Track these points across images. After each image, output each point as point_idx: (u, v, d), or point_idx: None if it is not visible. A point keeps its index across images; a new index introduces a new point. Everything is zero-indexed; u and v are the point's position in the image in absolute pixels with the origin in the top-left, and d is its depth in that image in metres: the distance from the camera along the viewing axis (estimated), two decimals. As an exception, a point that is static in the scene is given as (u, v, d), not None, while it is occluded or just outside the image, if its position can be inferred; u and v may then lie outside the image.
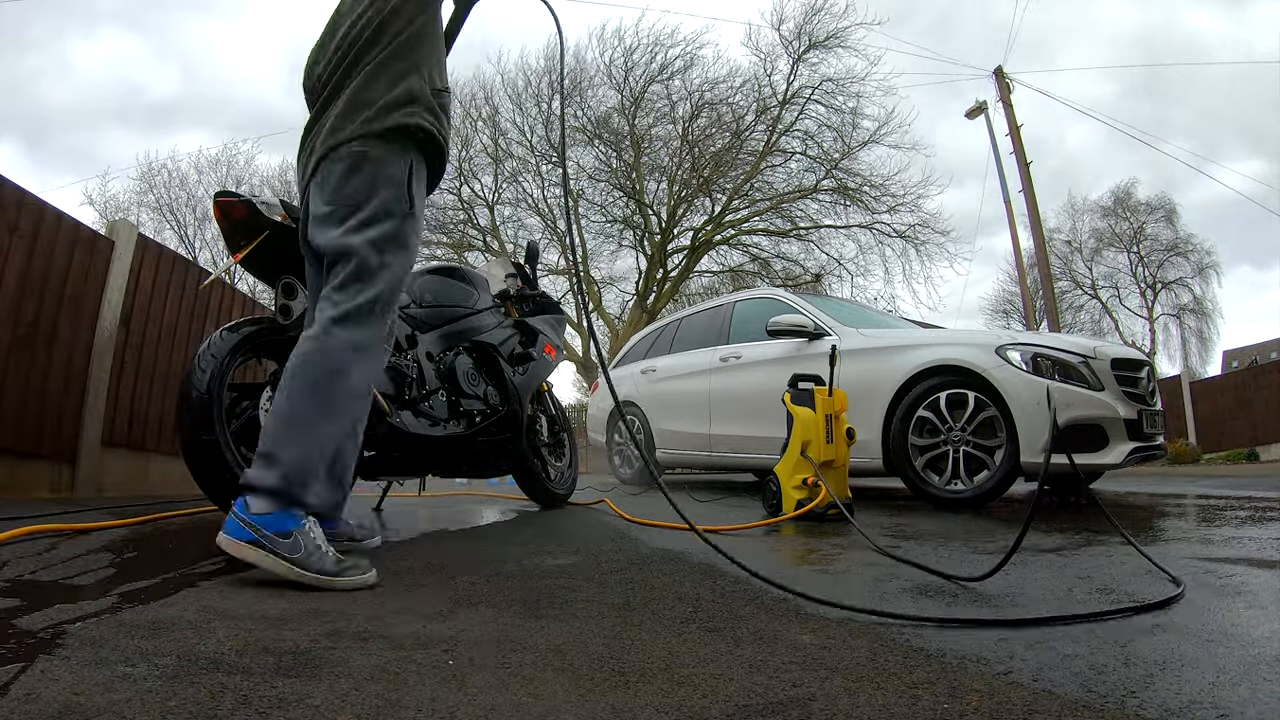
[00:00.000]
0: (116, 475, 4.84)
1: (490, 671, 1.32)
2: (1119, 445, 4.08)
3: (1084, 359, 4.21)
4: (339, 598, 1.84)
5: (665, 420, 6.77)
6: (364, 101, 2.14)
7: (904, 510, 4.13)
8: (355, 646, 1.44)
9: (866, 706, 1.17)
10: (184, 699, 1.12)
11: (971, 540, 2.87)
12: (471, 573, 2.26)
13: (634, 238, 22.05)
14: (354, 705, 1.13)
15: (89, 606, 1.66)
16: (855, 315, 5.86)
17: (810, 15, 19.53)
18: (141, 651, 1.34)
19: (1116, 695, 1.21)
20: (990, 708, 1.16)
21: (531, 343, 4.06)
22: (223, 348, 2.69)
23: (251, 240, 2.76)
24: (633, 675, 1.32)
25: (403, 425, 3.14)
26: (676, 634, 1.59)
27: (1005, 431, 4.11)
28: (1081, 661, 1.38)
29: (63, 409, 4.40)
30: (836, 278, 21.12)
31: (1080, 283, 33.02)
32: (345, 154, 2.12)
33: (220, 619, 1.59)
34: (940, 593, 2.00)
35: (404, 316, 3.42)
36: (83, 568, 2.11)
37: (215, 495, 2.64)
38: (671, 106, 21.13)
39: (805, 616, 1.75)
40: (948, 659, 1.41)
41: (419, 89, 2.19)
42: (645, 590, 2.04)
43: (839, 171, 20.33)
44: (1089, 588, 2.03)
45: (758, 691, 1.24)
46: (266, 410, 2.76)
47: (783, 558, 2.74)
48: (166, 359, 5.24)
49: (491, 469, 3.83)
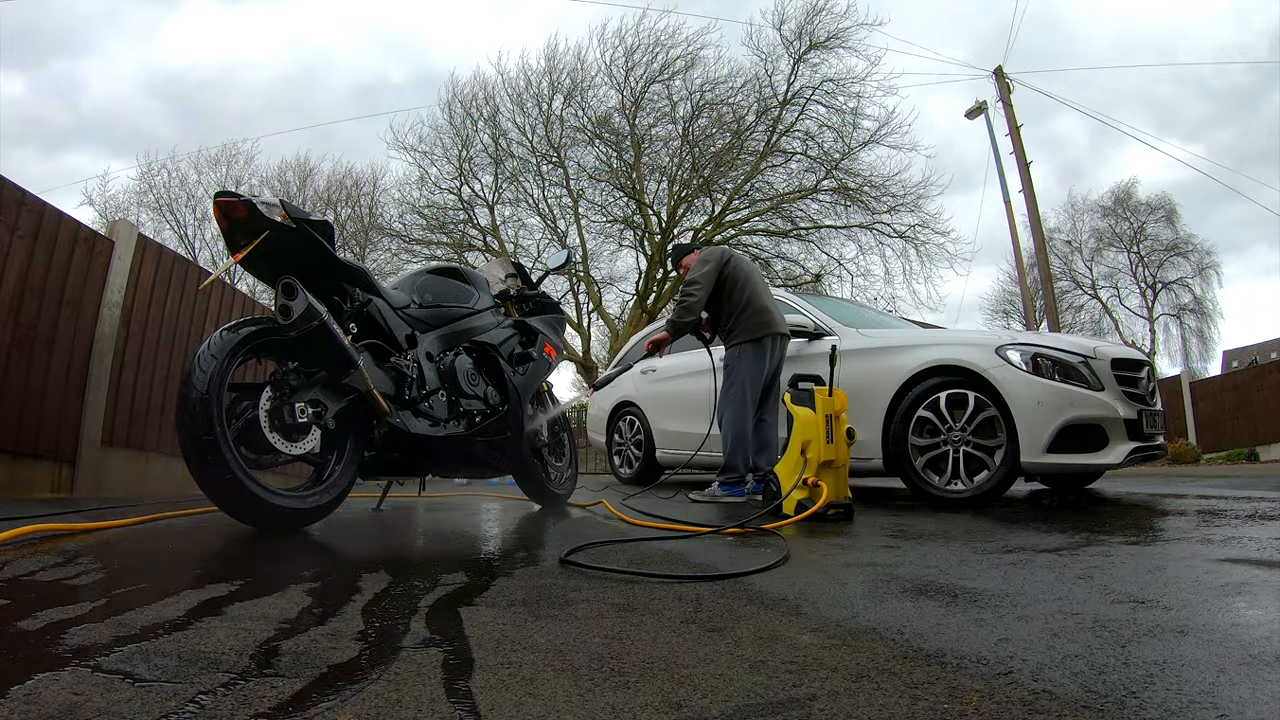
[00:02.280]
0: (116, 475, 4.84)
1: (490, 671, 1.32)
2: (1119, 445, 4.08)
3: (1084, 359, 4.21)
4: (338, 599, 1.84)
5: (665, 420, 6.76)
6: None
7: (904, 510, 4.13)
8: (355, 647, 1.44)
9: (866, 706, 1.17)
10: (184, 699, 1.12)
11: (972, 540, 2.87)
12: (471, 572, 2.26)
13: (634, 238, 22.03)
14: (354, 705, 1.13)
15: (89, 607, 1.66)
16: (855, 315, 5.85)
17: (811, 15, 19.49)
18: (142, 652, 1.34)
19: (1116, 695, 1.21)
20: (990, 708, 1.16)
21: (531, 343, 4.05)
22: (223, 348, 2.69)
23: (251, 240, 2.77)
24: (633, 675, 1.32)
25: (403, 425, 3.14)
26: (676, 634, 1.59)
27: (1005, 431, 4.11)
28: (1081, 661, 1.38)
29: (63, 409, 4.41)
30: (837, 278, 21.11)
31: (1080, 283, 33.02)
32: None
33: (220, 619, 1.59)
34: (940, 592, 2.00)
35: (404, 316, 3.42)
36: (83, 568, 2.11)
37: (215, 496, 2.64)
38: (672, 106, 21.10)
39: (805, 616, 1.76)
40: (948, 659, 1.41)
41: None
42: (645, 590, 2.04)
43: (839, 172, 20.29)
44: (1089, 588, 2.03)
45: (758, 691, 1.24)
46: (266, 410, 2.76)
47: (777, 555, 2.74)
48: (166, 359, 5.24)
49: (492, 469, 3.83)
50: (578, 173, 21.41)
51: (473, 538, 3.24)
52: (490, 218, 22.02)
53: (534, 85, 21.32)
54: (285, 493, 2.84)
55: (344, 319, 3.11)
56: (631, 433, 7.21)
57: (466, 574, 2.24)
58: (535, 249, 21.76)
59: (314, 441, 2.87)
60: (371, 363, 3.11)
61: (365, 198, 25.27)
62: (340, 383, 2.91)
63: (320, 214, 12.14)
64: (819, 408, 3.79)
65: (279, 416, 2.78)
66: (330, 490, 2.94)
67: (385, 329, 3.29)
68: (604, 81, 21.21)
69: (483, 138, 21.68)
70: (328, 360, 2.89)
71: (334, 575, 2.27)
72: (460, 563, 2.47)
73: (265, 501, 2.67)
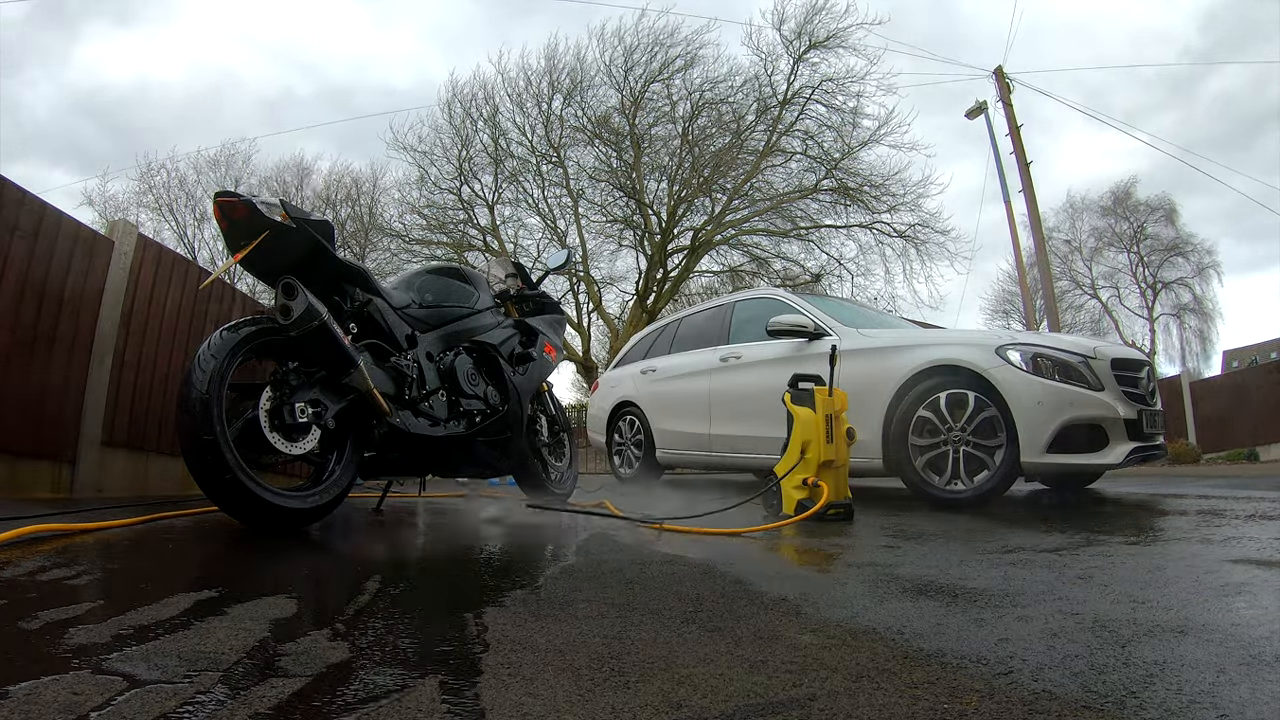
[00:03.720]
0: (116, 475, 4.84)
1: (490, 671, 1.32)
2: (1119, 445, 4.07)
3: (1084, 359, 4.21)
4: (338, 599, 1.84)
5: (665, 420, 6.76)
6: None
7: (904, 510, 4.13)
8: (354, 647, 1.44)
9: (866, 706, 1.17)
10: (183, 699, 1.12)
11: (972, 540, 2.87)
12: (471, 573, 2.26)
13: (634, 238, 22.01)
14: (355, 705, 1.13)
15: (89, 607, 1.66)
16: (855, 315, 5.85)
17: (811, 15, 19.48)
18: (142, 652, 1.34)
19: (1116, 695, 1.21)
20: (990, 708, 1.16)
21: (531, 343, 4.05)
22: (223, 348, 2.69)
23: (251, 240, 2.77)
24: (633, 675, 1.32)
25: (403, 425, 3.14)
26: (676, 634, 1.60)
27: (1005, 432, 4.10)
28: (1081, 661, 1.38)
29: (63, 409, 4.40)
30: (836, 277, 21.10)
31: (1080, 282, 33.02)
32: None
33: (220, 619, 1.59)
34: (940, 593, 2.00)
35: (404, 316, 3.42)
36: (83, 568, 2.11)
37: (215, 496, 2.64)
38: (672, 106, 21.08)
39: (805, 616, 1.76)
40: (948, 659, 1.41)
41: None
42: (645, 590, 2.04)
43: (839, 171, 20.28)
44: (1089, 588, 2.03)
45: (757, 691, 1.24)
46: (266, 410, 2.76)
47: (782, 558, 2.74)
48: (166, 359, 5.23)
49: (492, 469, 3.83)
50: (577, 172, 21.41)
51: (472, 538, 3.23)
52: (490, 218, 22.02)
53: (534, 85, 21.33)
54: (285, 493, 2.83)
55: (344, 319, 3.11)
56: (631, 433, 7.22)
57: (466, 574, 2.24)
58: (535, 249, 21.77)
59: (314, 441, 2.87)
60: (371, 363, 3.11)
61: (365, 197, 25.27)
62: (340, 383, 2.91)
63: (320, 214, 12.13)
64: (819, 408, 3.79)
65: (279, 416, 2.78)
66: (330, 490, 2.93)
67: (385, 329, 3.29)
68: (603, 81, 21.20)
69: (482, 138, 21.67)
70: (328, 360, 2.89)
71: (333, 575, 2.27)
72: (459, 563, 2.47)
73: (265, 501, 2.67)
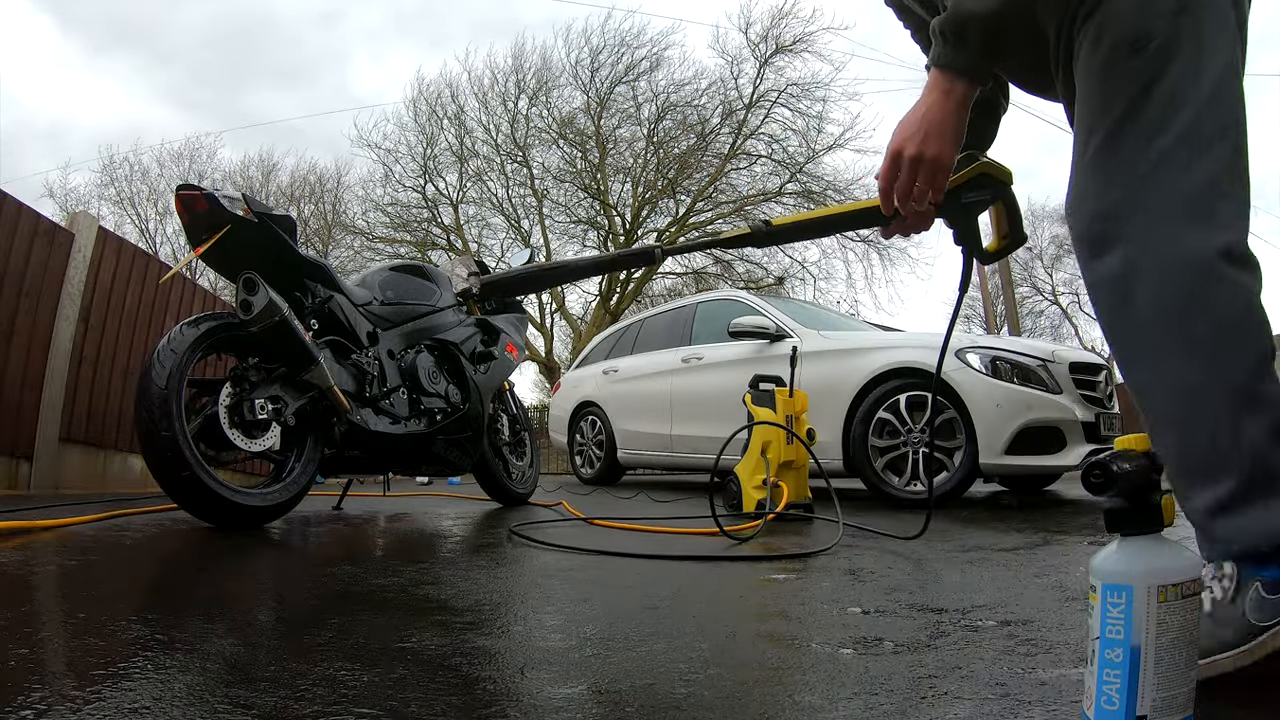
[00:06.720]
0: (74, 472, 4.75)
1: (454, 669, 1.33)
2: (1076, 447, 4.16)
3: (1043, 362, 4.31)
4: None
5: (626, 421, 6.79)
6: None
7: (863, 511, 4.18)
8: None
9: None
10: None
11: (930, 540, 2.92)
12: (428, 568, 2.27)
13: (598, 239, 22.02)
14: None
15: (45, 604, 1.64)
16: (816, 317, 5.93)
17: (777, 19, 19.72)
18: (112, 651, 1.33)
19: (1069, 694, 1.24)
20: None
21: (493, 341, 4.06)
22: (182, 343, 2.67)
23: (213, 234, 2.75)
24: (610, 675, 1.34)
25: (363, 423, 3.14)
26: (643, 632, 1.62)
27: (964, 433, 4.18)
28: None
29: (20, 404, 4.31)
30: (800, 280, 21.35)
31: (1040, 289, 33.60)
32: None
33: (181, 616, 1.58)
34: (897, 589, 2.05)
35: (366, 313, 3.41)
36: (42, 565, 2.08)
37: (174, 492, 2.62)
38: (637, 108, 21.19)
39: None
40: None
41: None
42: (603, 589, 2.06)
43: (803, 175, 20.54)
44: (1044, 584, 2.09)
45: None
46: (226, 406, 2.74)
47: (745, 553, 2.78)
48: (126, 354, 5.15)
49: (452, 467, 3.82)
50: (542, 173, 21.43)
51: (431, 535, 3.23)
52: (454, 216, 21.92)
53: (500, 84, 21.28)
54: (244, 490, 2.82)
55: (305, 315, 3.10)
56: (593, 433, 7.22)
57: (423, 570, 2.24)
58: (499, 248, 21.75)
59: (274, 438, 2.85)
60: (332, 359, 3.10)
61: (329, 194, 25.00)
62: (300, 379, 2.89)
63: (283, 209, 11.98)
64: (779, 409, 3.85)
65: (238, 413, 2.76)
66: (290, 488, 2.92)
67: (347, 325, 3.27)
68: (569, 82, 21.26)
69: (447, 136, 21.59)
70: (288, 356, 2.87)
71: (294, 574, 2.26)
72: (418, 560, 2.47)
73: (224, 499, 2.65)
